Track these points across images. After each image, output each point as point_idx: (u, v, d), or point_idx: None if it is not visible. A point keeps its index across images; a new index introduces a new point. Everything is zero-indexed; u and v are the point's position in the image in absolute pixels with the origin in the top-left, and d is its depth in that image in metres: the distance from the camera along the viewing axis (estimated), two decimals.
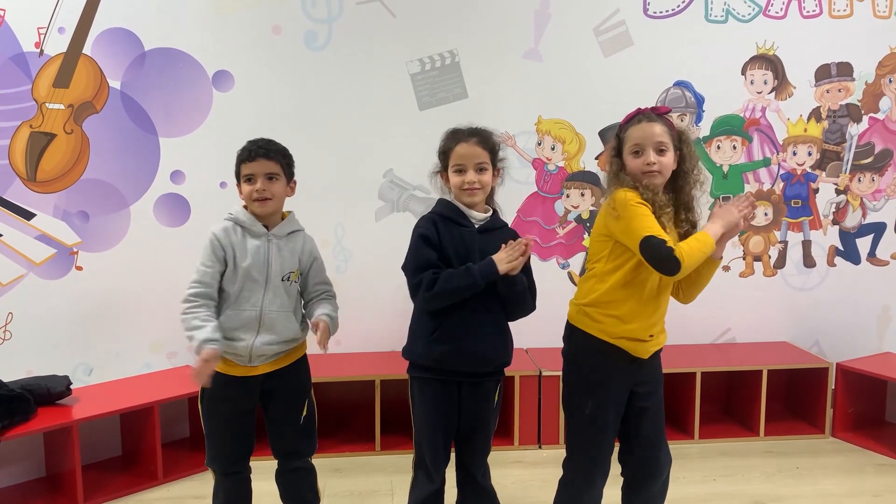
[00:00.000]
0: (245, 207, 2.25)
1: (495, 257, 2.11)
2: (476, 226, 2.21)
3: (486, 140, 2.20)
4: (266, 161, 2.19)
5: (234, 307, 2.21)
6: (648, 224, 1.97)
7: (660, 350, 2.20)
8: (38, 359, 3.23)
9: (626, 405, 2.16)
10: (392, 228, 3.46)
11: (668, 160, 2.06)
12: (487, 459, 2.33)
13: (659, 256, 1.94)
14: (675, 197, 2.12)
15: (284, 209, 2.32)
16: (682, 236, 2.11)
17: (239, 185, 2.25)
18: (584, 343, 2.14)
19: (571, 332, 2.19)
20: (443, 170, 2.24)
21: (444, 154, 2.22)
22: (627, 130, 2.09)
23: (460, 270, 2.12)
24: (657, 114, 2.09)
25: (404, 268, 2.20)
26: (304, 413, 2.33)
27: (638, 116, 2.09)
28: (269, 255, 2.21)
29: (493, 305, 2.19)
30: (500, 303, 2.20)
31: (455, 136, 2.21)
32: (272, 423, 2.33)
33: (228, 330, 2.20)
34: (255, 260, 2.20)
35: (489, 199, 2.29)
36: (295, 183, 2.32)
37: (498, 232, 2.23)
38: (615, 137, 2.14)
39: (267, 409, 2.32)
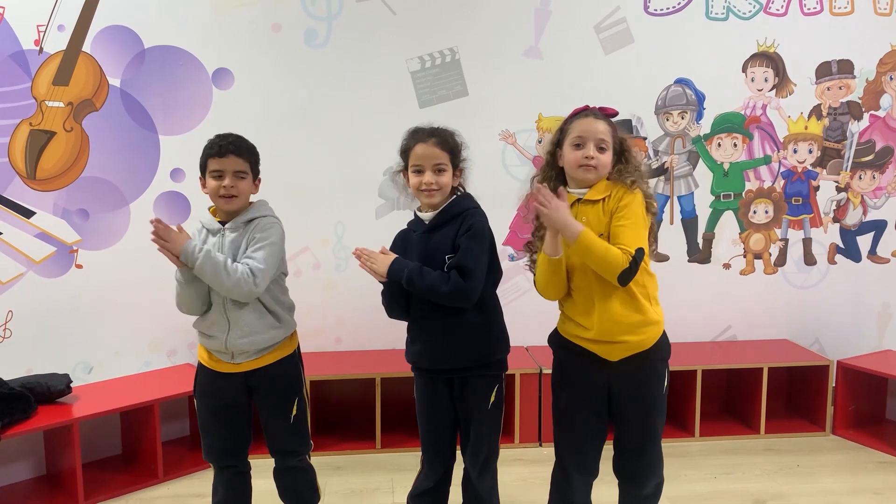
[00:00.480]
0: (209, 209, 2.27)
1: None
2: (426, 225, 2.20)
3: (445, 141, 2.18)
4: (237, 158, 2.18)
5: (205, 307, 2.24)
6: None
7: (640, 355, 2.09)
8: (38, 357, 3.23)
9: (609, 407, 2.15)
10: (392, 226, 3.35)
11: (607, 159, 2.08)
12: (495, 464, 2.29)
13: None
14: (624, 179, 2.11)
15: (273, 200, 2.33)
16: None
17: (203, 178, 2.22)
18: (559, 341, 2.20)
19: (553, 329, 2.24)
20: (404, 169, 2.24)
21: (405, 153, 2.22)
22: (572, 123, 2.11)
23: None
24: (604, 114, 2.12)
25: None
26: (295, 412, 2.30)
27: (585, 112, 2.12)
28: (223, 248, 2.20)
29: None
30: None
31: (415, 136, 2.20)
32: (264, 423, 2.33)
33: (206, 327, 2.24)
34: None
35: (456, 192, 2.25)
36: (259, 180, 2.30)
37: (450, 222, 2.17)
38: (558, 130, 2.16)
39: (257, 406, 2.32)
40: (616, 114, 2.15)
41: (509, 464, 3.15)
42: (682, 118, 3.63)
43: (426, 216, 2.21)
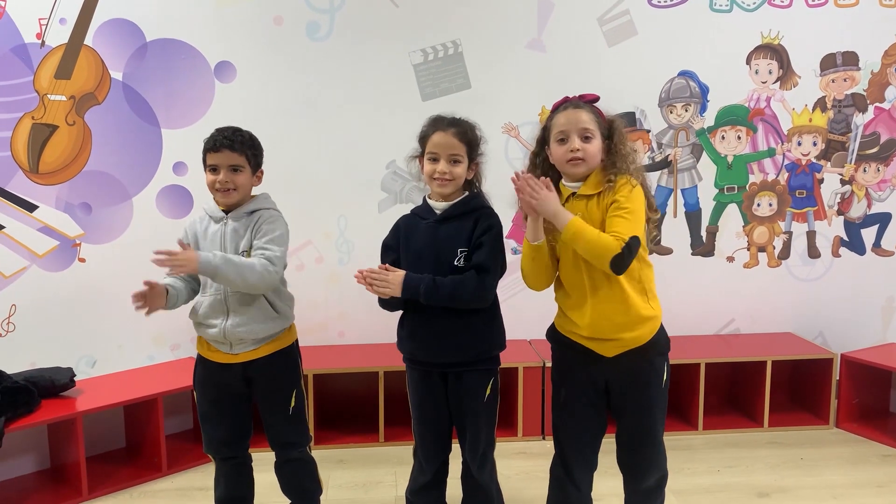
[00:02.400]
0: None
1: None
2: (437, 216, 2.19)
3: (464, 132, 2.17)
4: (230, 153, 2.19)
5: (203, 293, 2.25)
6: None
7: (636, 350, 2.06)
8: (42, 351, 3.23)
9: (608, 401, 2.14)
10: (395, 220, 3.43)
11: (594, 148, 2.02)
12: (492, 455, 2.30)
13: None
14: (612, 171, 2.05)
15: (276, 194, 2.35)
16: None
17: (206, 172, 2.25)
18: (556, 336, 2.18)
19: (552, 322, 2.22)
20: (421, 155, 2.23)
21: (423, 140, 2.21)
22: (553, 118, 2.06)
23: None
24: (584, 101, 2.07)
25: None
26: (293, 404, 2.31)
27: (564, 104, 2.07)
28: (225, 236, 2.22)
29: None
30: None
31: (434, 124, 2.20)
32: (263, 415, 2.34)
33: (203, 316, 2.25)
34: (213, 244, 2.23)
35: (471, 189, 2.25)
36: (262, 172, 2.32)
37: (465, 217, 2.17)
38: (542, 127, 2.12)
39: (255, 398, 2.33)
40: (597, 98, 2.09)
41: (512, 457, 3.15)
42: (686, 111, 3.62)
43: (439, 206, 2.20)
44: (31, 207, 3.24)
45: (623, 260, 1.91)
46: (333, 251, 3.52)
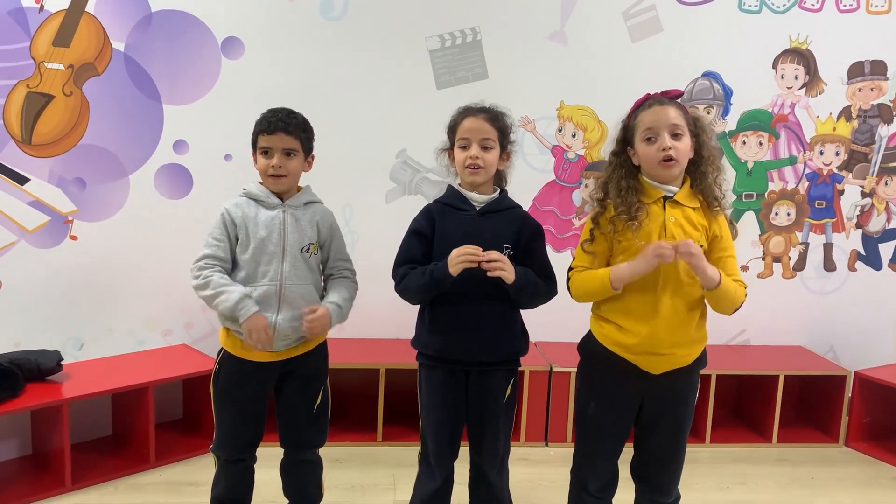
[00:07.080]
0: (259, 182, 2.17)
1: (450, 256, 2.00)
2: (478, 208, 2.10)
3: (495, 118, 2.10)
4: (285, 136, 2.08)
5: (251, 283, 2.09)
6: (577, 258, 2.06)
7: (687, 368, 1.99)
8: (27, 331, 3.09)
9: (638, 416, 2.05)
10: (403, 211, 3.24)
11: (685, 146, 1.92)
12: (507, 461, 2.22)
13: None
14: (701, 183, 1.98)
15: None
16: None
17: (255, 154, 2.14)
18: (591, 346, 2.06)
19: (587, 332, 2.10)
20: (450, 147, 2.15)
21: (452, 130, 2.14)
22: (638, 116, 1.95)
23: (418, 271, 2.06)
24: (668, 97, 1.95)
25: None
26: (319, 401, 2.22)
27: (649, 101, 1.95)
28: (285, 224, 2.11)
29: (496, 293, 2.07)
30: (505, 291, 2.09)
31: (465, 112, 2.13)
32: (284, 410, 2.22)
33: None
34: (271, 230, 2.10)
35: (498, 182, 2.19)
36: (313, 158, 2.23)
37: (504, 213, 2.13)
38: (622, 129, 2.00)
39: (281, 394, 2.21)
40: (682, 94, 1.99)
41: (515, 463, 2.97)
42: (708, 113, 3.50)
43: (479, 198, 2.11)
44: (21, 180, 3.09)
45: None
46: None
